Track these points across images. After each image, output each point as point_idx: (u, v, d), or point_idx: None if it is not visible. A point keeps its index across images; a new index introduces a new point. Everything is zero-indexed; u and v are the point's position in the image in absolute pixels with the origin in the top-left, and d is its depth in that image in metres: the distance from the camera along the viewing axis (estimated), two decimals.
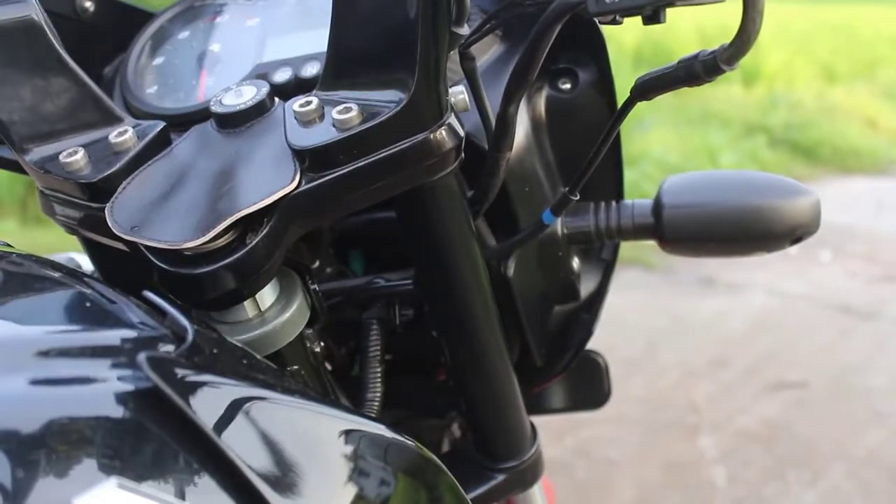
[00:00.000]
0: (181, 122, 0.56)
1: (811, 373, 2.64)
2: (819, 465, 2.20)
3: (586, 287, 0.75)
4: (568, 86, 0.69)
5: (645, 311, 2.98)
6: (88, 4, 0.66)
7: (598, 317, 0.76)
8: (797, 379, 2.60)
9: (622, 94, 0.57)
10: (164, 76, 0.63)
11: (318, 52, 0.60)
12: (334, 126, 0.48)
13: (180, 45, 0.65)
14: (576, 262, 0.72)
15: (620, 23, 0.48)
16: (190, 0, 0.68)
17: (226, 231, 0.47)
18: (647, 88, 0.51)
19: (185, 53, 0.64)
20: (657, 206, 0.69)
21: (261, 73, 0.60)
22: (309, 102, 0.49)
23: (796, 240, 0.69)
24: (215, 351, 0.43)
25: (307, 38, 0.62)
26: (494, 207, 0.62)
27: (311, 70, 0.59)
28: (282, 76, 0.60)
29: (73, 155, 0.50)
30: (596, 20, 0.48)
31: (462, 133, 0.51)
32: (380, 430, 0.45)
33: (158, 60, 0.65)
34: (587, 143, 0.64)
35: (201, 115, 0.56)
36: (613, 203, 0.71)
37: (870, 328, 2.95)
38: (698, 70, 0.48)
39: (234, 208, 0.46)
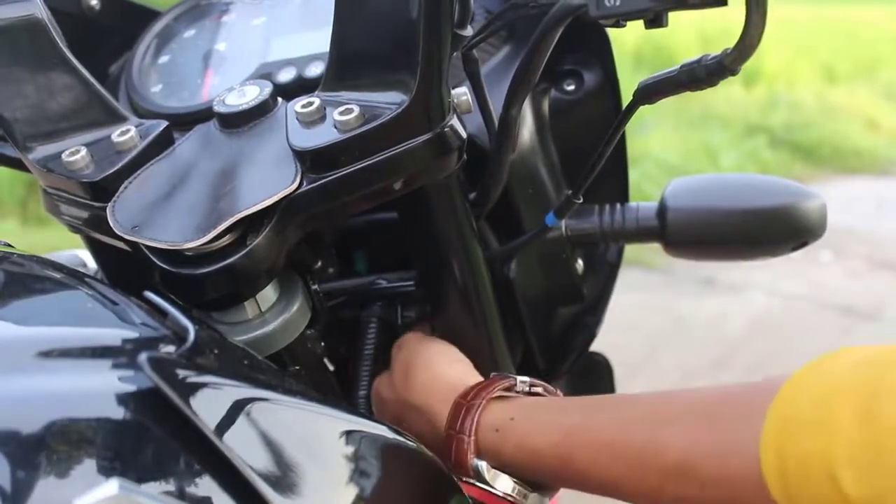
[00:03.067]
0: (185, 121, 0.56)
1: None
2: None
3: (590, 289, 0.75)
4: (572, 87, 0.69)
5: (645, 311, 2.98)
6: (94, 2, 0.66)
7: (602, 319, 0.76)
8: None
9: (625, 96, 0.57)
10: (169, 75, 0.63)
11: (322, 52, 0.59)
12: (335, 127, 0.48)
13: (186, 43, 0.65)
14: (580, 264, 0.72)
15: (623, 26, 0.48)
16: None
17: (226, 231, 0.47)
18: (650, 92, 0.51)
19: (190, 52, 0.64)
20: (662, 208, 0.69)
21: (265, 73, 0.60)
22: (311, 103, 0.49)
23: (800, 244, 0.68)
24: (216, 351, 0.42)
25: (312, 38, 0.62)
26: (498, 209, 0.62)
27: (316, 70, 0.59)
28: (286, 76, 0.60)
29: (76, 154, 0.50)
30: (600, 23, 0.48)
31: (464, 135, 0.51)
32: (381, 430, 0.45)
33: (164, 59, 0.65)
34: (591, 146, 0.64)
35: (205, 114, 0.57)
36: (618, 205, 0.70)
37: (870, 329, 2.95)
38: (701, 74, 0.48)
39: (235, 209, 0.46)
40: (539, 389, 0.57)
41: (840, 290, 3.27)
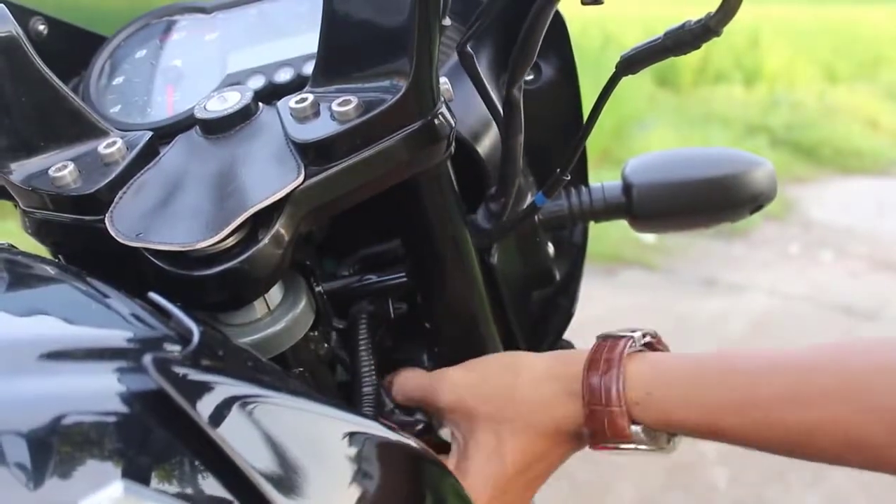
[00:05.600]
0: (162, 133, 0.56)
1: None
2: (821, 466, 2.20)
3: (560, 271, 0.77)
4: (531, 77, 0.71)
5: (647, 311, 2.98)
6: (42, 28, 0.65)
7: (576, 299, 0.78)
8: None
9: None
10: (127, 95, 0.63)
11: (288, 59, 0.60)
12: (335, 119, 0.49)
13: (139, 63, 0.65)
14: (550, 248, 0.74)
15: (601, 2, 0.49)
16: (145, 19, 0.68)
17: (234, 231, 0.47)
18: (633, 62, 0.53)
19: (145, 71, 0.64)
20: (626, 185, 0.72)
21: (232, 83, 0.60)
22: (304, 99, 0.50)
23: (756, 208, 0.73)
24: (221, 353, 0.43)
25: (273, 48, 0.62)
26: (474, 195, 0.63)
27: (285, 76, 0.59)
28: (256, 83, 0.60)
29: (63, 169, 0.50)
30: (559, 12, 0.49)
31: (453, 122, 0.52)
32: (384, 431, 0.45)
33: (118, 80, 0.64)
34: (553, 134, 0.68)
35: (178, 126, 0.57)
36: (583, 187, 0.73)
37: (871, 329, 2.95)
38: (686, 38, 0.49)
39: (246, 205, 0.47)
40: (652, 340, 0.59)
41: (841, 291, 3.27)
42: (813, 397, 0.49)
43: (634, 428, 0.54)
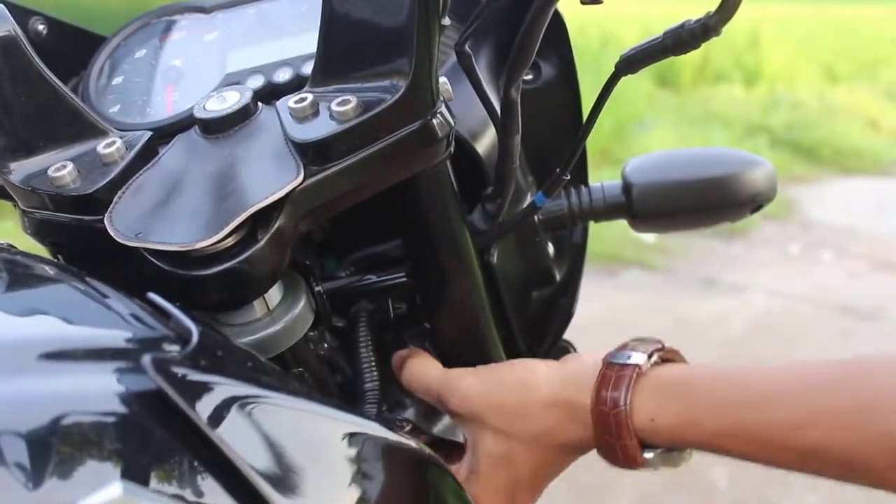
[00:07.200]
0: (162, 133, 0.56)
1: None
2: None
3: (560, 271, 0.77)
4: (530, 77, 0.71)
5: (647, 311, 2.98)
6: (41, 28, 0.65)
7: (576, 299, 0.78)
8: None
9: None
10: (126, 94, 0.62)
11: (287, 59, 0.60)
12: (334, 118, 0.49)
13: (138, 63, 0.65)
14: (550, 247, 0.75)
15: (601, 2, 0.49)
16: (145, 18, 0.68)
17: (233, 231, 0.47)
18: (633, 61, 0.53)
19: (144, 71, 0.64)
20: (626, 185, 0.72)
21: (232, 83, 0.60)
22: (304, 99, 0.50)
23: (756, 207, 0.73)
24: (220, 353, 0.43)
25: (272, 48, 0.62)
26: (474, 195, 0.63)
27: (284, 76, 0.59)
28: (255, 83, 0.59)
29: (62, 169, 0.50)
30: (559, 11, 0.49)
31: (452, 121, 0.52)
32: (385, 432, 0.45)
33: (118, 80, 0.64)
34: (553, 134, 0.68)
35: (177, 126, 0.57)
36: (583, 187, 0.73)
37: (871, 329, 2.95)
38: (686, 37, 0.50)
39: (245, 205, 0.47)
40: (658, 355, 0.58)
41: (841, 290, 3.27)
42: (816, 422, 0.50)
43: (647, 455, 0.56)
